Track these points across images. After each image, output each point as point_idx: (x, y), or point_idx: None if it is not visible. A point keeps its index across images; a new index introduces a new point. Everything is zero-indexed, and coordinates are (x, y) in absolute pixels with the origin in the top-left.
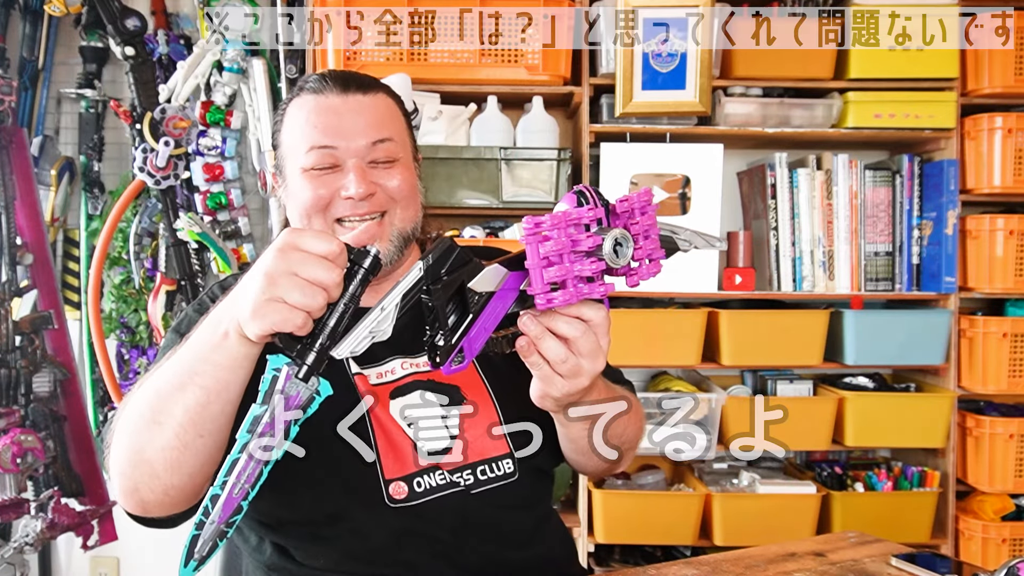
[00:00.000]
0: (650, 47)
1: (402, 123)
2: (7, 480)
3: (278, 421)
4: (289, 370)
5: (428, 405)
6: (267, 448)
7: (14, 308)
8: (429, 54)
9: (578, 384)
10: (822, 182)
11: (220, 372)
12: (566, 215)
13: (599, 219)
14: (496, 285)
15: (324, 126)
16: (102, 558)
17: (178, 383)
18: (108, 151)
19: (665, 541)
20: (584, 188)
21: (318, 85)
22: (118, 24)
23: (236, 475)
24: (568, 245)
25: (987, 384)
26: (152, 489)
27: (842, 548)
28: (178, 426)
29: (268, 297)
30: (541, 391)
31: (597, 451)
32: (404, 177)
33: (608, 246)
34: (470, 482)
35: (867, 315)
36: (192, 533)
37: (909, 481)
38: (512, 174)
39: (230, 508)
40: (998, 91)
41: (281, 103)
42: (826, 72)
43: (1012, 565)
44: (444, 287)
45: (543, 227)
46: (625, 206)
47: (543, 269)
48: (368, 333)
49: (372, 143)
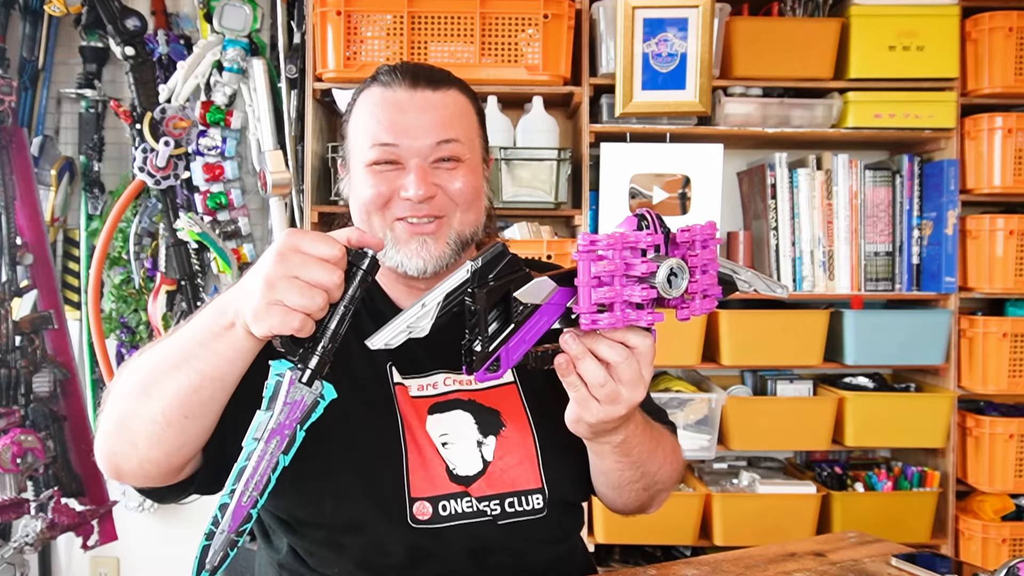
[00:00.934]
0: (650, 47)
1: (473, 122)
2: (7, 480)
3: (284, 428)
4: (292, 375)
5: (465, 426)
6: (273, 454)
7: (14, 308)
8: (429, 54)
9: (615, 411)
10: (822, 182)
11: (218, 360)
12: (622, 237)
13: (657, 245)
14: (543, 298)
15: (388, 122)
16: (102, 558)
17: (175, 362)
18: (108, 151)
19: (665, 541)
20: (646, 212)
21: (388, 78)
22: (118, 24)
23: (244, 483)
24: (621, 268)
25: (987, 384)
26: (128, 458)
27: (842, 548)
28: (166, 403)
29: (268, 301)
30: (575, 415)
31: (628, 488)
32: (467, 180)
33: (662, 275)
34: (496, 512)
35: (867, 315)
36: (203, 544)
37: (909, 481)
38: (512, 174)
39: (239, 517)
40: (998, 91)
41: (354, 92)
42: (826, 72)
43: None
44: (489, 292)
45: (598, 245)
46: (686, 236)
47: (592, 288)
48: (406, 328)
49: (436, 143)
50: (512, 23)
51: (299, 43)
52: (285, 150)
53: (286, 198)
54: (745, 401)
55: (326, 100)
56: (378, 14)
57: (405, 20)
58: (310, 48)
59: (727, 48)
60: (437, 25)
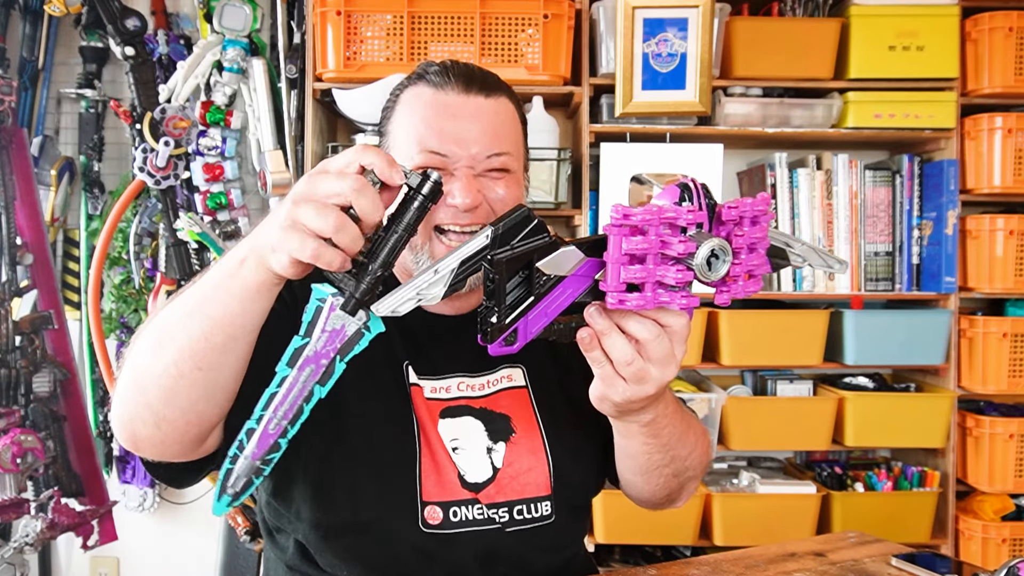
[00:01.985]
0: (650, 47)
1: (519, 131)
2: (7, 480)
3: (320, 357)
4: (334, 300)
5: (475, 432)
6: (306, 383)
7: (14, 308)
8: (429, 54)
9: (642, 391)
10: (822, 182)
11: (230, 301)
12: (661, 211)
13: (700, 223)
14: (569, 269)
15: (440, 129)
16: (102, 558)
17: (187, 309)
18: (108, 151)
19: (665, 541)
20: (691, 182)
21: (440, 79)
22: (118, 24)
23: (273, 409)
24: (657, 246)
25: (987, 384)
26: (144, 421)
27: (842, 548)
28: (177, 352)
29: (289, 223)
30: (600, 392)
31: (657, 473)
32: (512, 192)
33: (702, 256)
34: (505, 519)
35: (867, 315)
36: (226, 467)
37: (909, 481)
38: None
39: (265, 444)
40: (998, 91)
41: (396, 87)
42: (826, 72)
43: (1012, 565)
44: (510, 261)
45: (632, 219)
46: (733, 213)
47: (622, 266)
48: (415, 294)
49: (488, 156)
50: (512, 23)
51: (299, 43)
52: (285, 150)
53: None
54: (745, 401)
55: (326, 100)
56: (378, 14)
57: (405, 20)
58: (310, 48)
59: (727, 48)
60: (437, 25)
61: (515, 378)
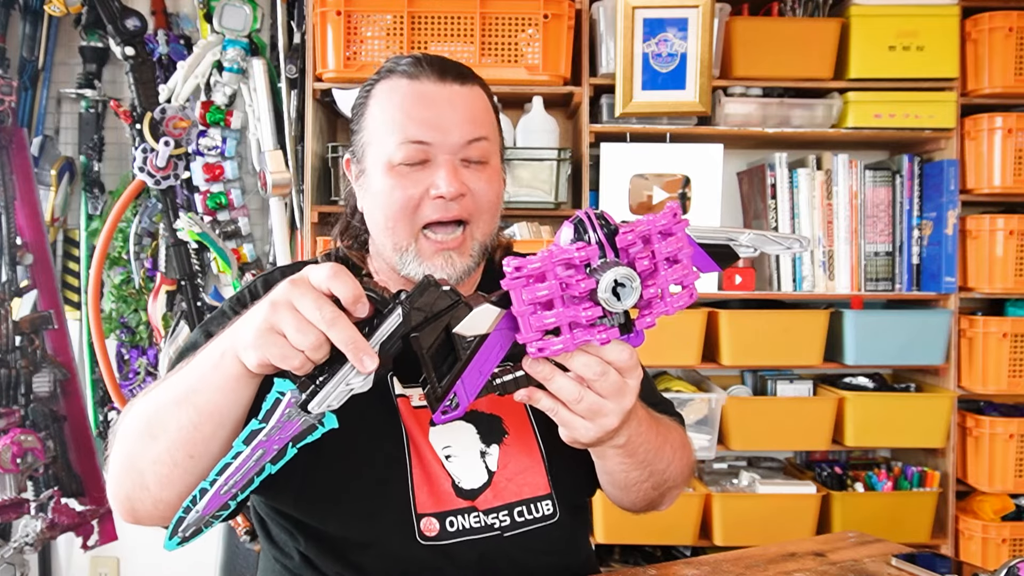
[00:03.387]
0: (650, 47)
1: (494, 122)
2: (7, 480)
3: (272, 443)
4: (292, 396)
5: (467, 437)
6: (259, 461)
7: (14, 308)
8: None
9: (605, 424)
10: (822, 182)
11: (214, 394)
12: (551, 255)
13: (603, 251)
14: (489, 327)
15: (421, 118)
16: (102, 558)
17: (175, 398)
18: (108, 151)
19: (665, 541)
20: (585, 216)
21: (413, 69)
22: (118, 24)
23: (225, 478)
24: (558, 289)
25: (987, 384)
26: (142, 500)
27: (842, 548)
28: (170, 443)
29: (267, 327)
30: (567, 436)
31: (636, 488)
32: (492, 185)
33: (604, 289)
34: (506, 523)
35: (867, 315)
36: (179, 515)
37: (909, 481)
38: (512, 174)
39: (215, 504)
40: (998, 91)
41: (365, 84)
42: (826, 72)
43: (1012, 565)
44: (425, 333)
45: (525, 270)
46: (630, 238)
47: (531, 316)
48: (345, 386)
49: (467, 141)
50: (512, 23)
51: (299, 43)
52: (285, 150)
53: (286, 198)
54: (745, 401)
55: (326, 100)
56: (378, 14)
57: (405, 20)
58: (310, 48)
59: (727, 48)
60: (437, 25)
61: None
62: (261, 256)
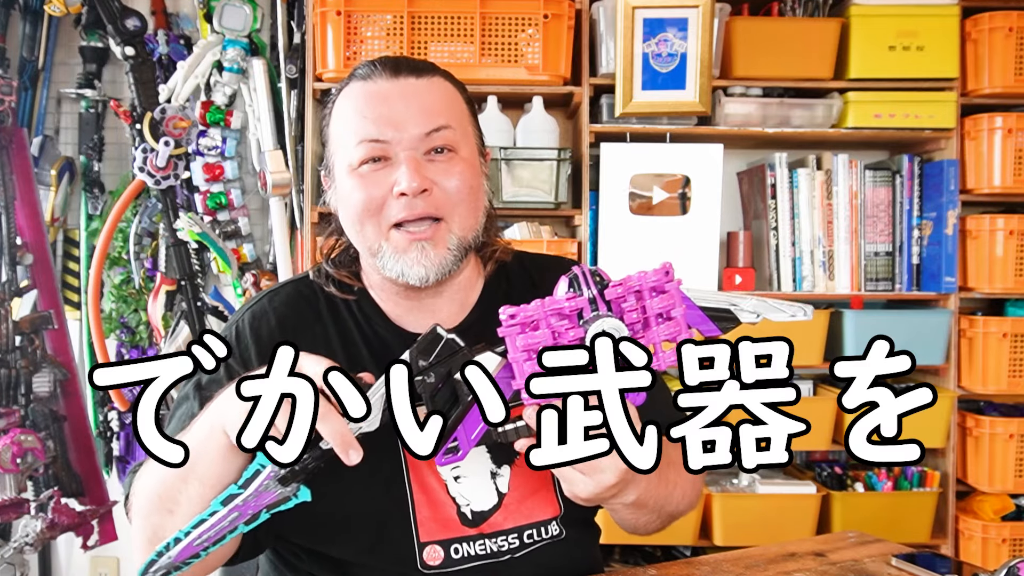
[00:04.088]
0: (650, 47)
1: (463, 110)
2: (7, 480)
3: (248, 507)
4: (272, 471)
5: (478, 458)
6: (232, 522)
7: (14, 308)
8: (429, 54)
9: (602, 480)
10: (822, 182)
11: (213, 466)
12: (543, 305)
13: (594, 304)
14: None
15: (374, 116)
16: (102, 558)
17: (180, 473)
18: (108, 151)
19: (665, 541)
20: (579, 271)
21: (366, 70)
22: (118, 24)
23: (199, 532)
24: (549, 337)
25: (987, 384)
26: None
27: (842, 548)
28: (186, 516)
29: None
30: (567, 491)
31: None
32: (464, 177)
33: (591, 339)
34: (515, 546)
35: (867, 315)
36: (151, 558)
37: (909, 481)
38: (512, 174)
39: (187, 553)
40: (998, 91)
41: (331, 94)
42: (826, 72)
43: (1012, 565)
44: (427, 381)
45: (519, 317)
46: (617, 292)
47: (524, 363)
48: (355, 426)
49: (426, 133)
50: (512, 23)
51: (299, 43)
52: (285, 150)
53: (286, 198)
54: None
55: (326, 100)
56: (378, 14)
57: (405, 20)
58: (310, 48)
59: (727, 48)
60: (437, 25)
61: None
62: (261, 256)
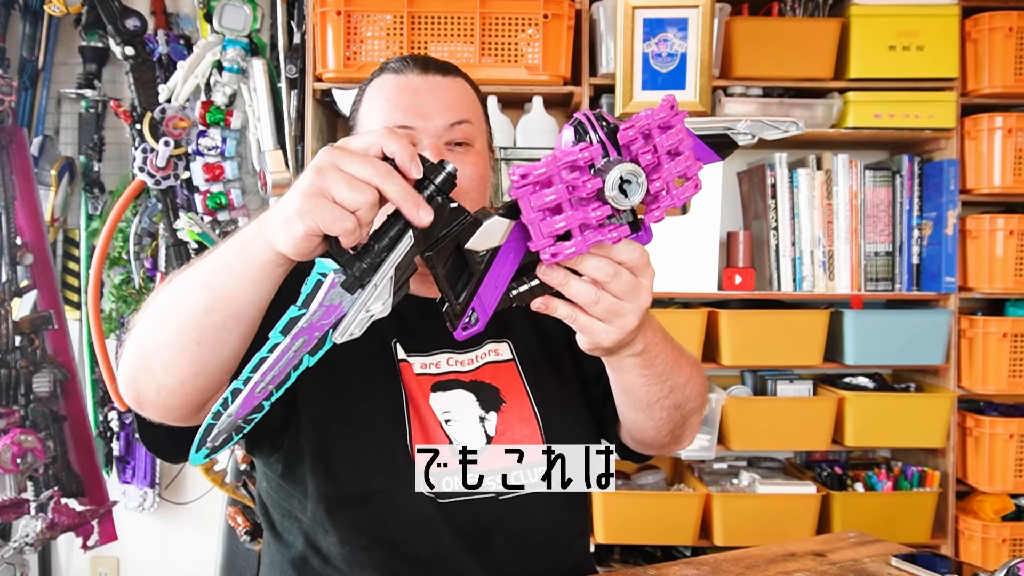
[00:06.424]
0: (650, 47)
1: (480, 110)
2: (7, 480)
3: (314, 329)
4: (336, 277)
5: (467, 403)
6: (298, 352)
7: (14, 308)
8: (429, 54)
9: (624, 324)
10: (822, 182)
11: (231, 279)
12: (555, 159)
13: (606, 152)
14: (500, 239)
15: (404, 105)
16: (102, 558)
17: (190, 282)
18: (108, 151)
19: (665, 541)
20: (584, 117)
21: (399, 65)
22: (118, 24)
23: (261, 374)
24: (565, 192)
25: (987, 384)
26: (147, 385)
27: (842, 548)
28: (178, 325)
29: (315, 191)
30: (587, 343)
31: (659, 406)
32: (477, 168)
33: (611, 187)
34: (500, 488)
35: (867, 315)
36: (208, 422)
37: (909, 481)
38: None
39: (249, 405)
40: (998, 91)
41: (361, 86)
42: (826, 72)
43: (1012, 565)
44: (439, 252)
45: (531, 177)
46: (631, 134)
47: (541, 222)
48: (365, 313)
49: (450, 124)
50: (512, 23)
51: (299, 43)
52: (285, 150)
53: None
54: (745, 401)
55: (326, 100)
56: (378, 14)
57: (405, 20)
58: (310, 48)
59: (727, 48)
60: (437, 25)
61: (501, 352)
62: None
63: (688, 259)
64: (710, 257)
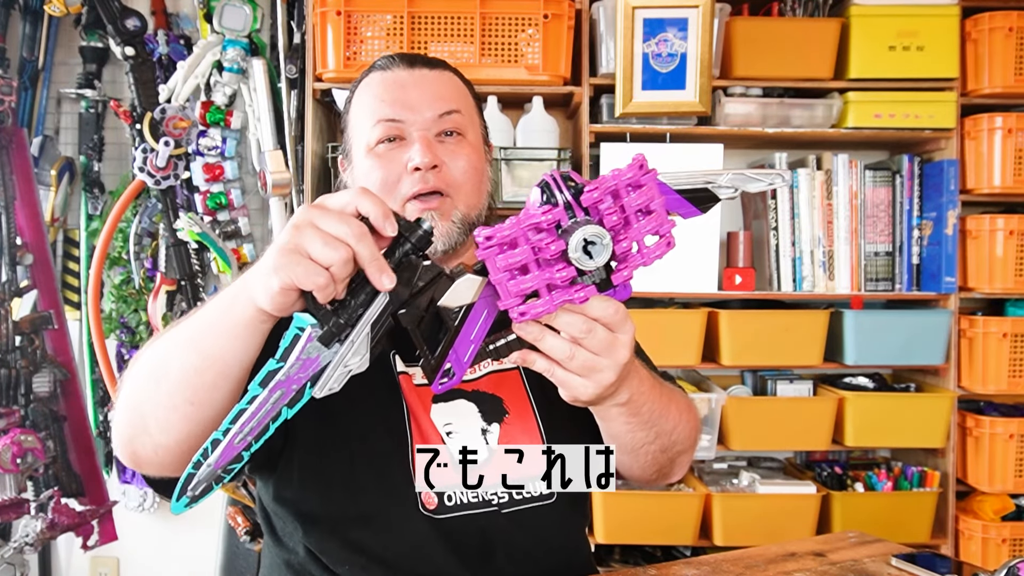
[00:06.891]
0: (650, 47)
1: (471, 102)
2: (7, 480)
3: (291, 382)
4: (312, 332)
5: (469, 415)
6: (276, 404)
7: (14, 308)
8: (429, 54)
9: (601, 380)
10: (822, 182)
11: (220, 339)
12: (519, 221)
13: (571, 212)
14: (472, 296)
15: (392, 100)
16: (102, 558)
17: (180, 342)
18: (108, 151)
19: (665, 541)
20: (550, 178)
21: (385, 62)
22: (118, 24)
23: (240, 425)
24: (530, 253)
25: (987, 384)
26: (143, 444)
27: (842, 548)
28: (171, 386)
29: (291, 247)
30: (567, 396)
31: (644, 451)
32: (470, 159)
33: (574, 248)
34: (504, 499)
35: (867, 315)
36: (188, 471)
37: (909, 481)
38: (512, 174)
39: (228, 455)
40: (998, 91)
41: (351, 85)
42: (826, 72)
43: (1012, 565)
44: (410, 311)
45: (496, 238)
46: (594, 196)
47: (508, 282)
48: (344, 369)
49: (439, 115)
50: (512, 23)
51: (299, 43)
52: (285, 150)
53: (286, 198)
54: (745, 401)
55: (326, 100)
56: (378, 14)
57: (405, 20)
58: (310, 48)
59: (727, 48)
60: (437, 25)
61: (503, 361)
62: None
63: (688, 259)
64: (710, 257)
